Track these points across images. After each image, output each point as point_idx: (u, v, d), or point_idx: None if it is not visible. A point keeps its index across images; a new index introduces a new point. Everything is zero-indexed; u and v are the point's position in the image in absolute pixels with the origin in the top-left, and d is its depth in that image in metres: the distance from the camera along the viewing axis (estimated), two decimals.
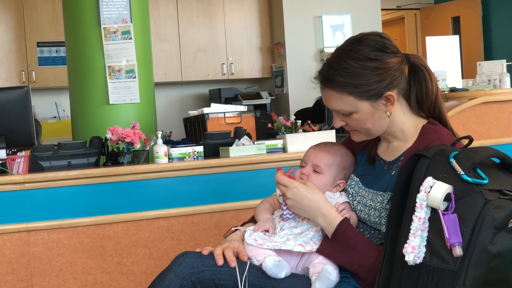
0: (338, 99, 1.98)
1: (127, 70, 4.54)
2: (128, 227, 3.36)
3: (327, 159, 2.18)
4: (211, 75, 7.62)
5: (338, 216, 2.01)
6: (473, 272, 1.65)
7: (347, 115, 2.00)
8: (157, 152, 3.48)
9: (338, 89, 1.96)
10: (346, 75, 1.95)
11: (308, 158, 2.21)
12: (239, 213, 3.49)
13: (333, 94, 1.99)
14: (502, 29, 8.91)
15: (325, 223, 2.01)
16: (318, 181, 2.15)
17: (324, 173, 2.17)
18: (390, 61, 1.96)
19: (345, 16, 7.55)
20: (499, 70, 5.29)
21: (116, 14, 4.54)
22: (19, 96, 3.57)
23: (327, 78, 1.98)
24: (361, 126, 2.02)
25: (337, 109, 2.00)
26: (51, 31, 7.05)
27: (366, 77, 1.94)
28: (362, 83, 1.94)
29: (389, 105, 1.99)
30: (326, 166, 2.17)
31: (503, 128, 4.42)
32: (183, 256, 2.01)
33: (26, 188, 3.20)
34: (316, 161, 2.18)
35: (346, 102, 1.97)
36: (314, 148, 2.25)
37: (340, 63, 1.96)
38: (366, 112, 1.98)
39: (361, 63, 1.95)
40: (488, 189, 1.71)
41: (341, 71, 1.95)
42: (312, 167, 2.18)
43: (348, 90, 1.95)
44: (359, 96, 1.96)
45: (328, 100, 2.02)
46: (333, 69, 1.97)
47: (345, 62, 1.96)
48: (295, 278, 2.00)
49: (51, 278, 3.23)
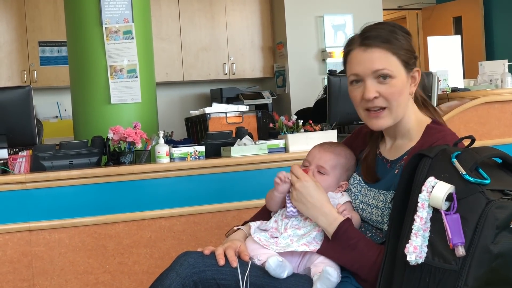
0: (383, 59, 1.98)
1: (128, 69, 4.55)
2: (130, 227, 3.36)
3: (332, 161, 2.18)
4: (213, 74, 7.62)
5: (339, 217, 2.01)
6: (475, 272, 1.65)
7: (385, 82, 1.98)
8: (158, 152, 3.48)
9: (386, 47, 1.98)
10: (393, 36, 1.99)
11: (312, 158, 2.21)
12: (240, 213, 3.49)
13: (377, 53, 1.98)
14: (503, 29, 8.91)
15: (326, 223, 2.02)
16: (322, 182, 2.15)
17: (329, 174, 2.17)
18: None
19: (347, 16, 7.55)
20: (501, 70, 5.29)
21: (118, 13, 4.54)
22: (21, 96, 3.58)
23: (370, 38, 1.99)
24: (394, 97, 1.99)
25: (381, 68, 1.97)
26: (52, 31, 7.06)
27: (406, 44, 2.01)
28: (405, 47, 2.00)
29: (413, 85, 2.04)
30: (331, 167, 2.17)
31: (504, 128, 4.42)
32: (184, 256, 2.01)
33: (27, 188, 3.21)
34: (321, 162, 2.18)
35: (390, 62, 1.98)
36: (318, 148, 2.24)
37: (387, 26, 2.02)
38: (402, 81, 2.00)
39: (402, 32, 2.02)
40: (490, 189, 1.71)
41: (384, 31, 2.00)
42: (316, 167, 2.18)
43: (394, 50, 1.98)
44: (401, 60, 1.99)
45: (371, 60, 1.98)
46: (375, 30, 2.01)
47: (391, 27, 2.02)
48: (297, 278, 2.00)
49: (52, 278, 3.24)
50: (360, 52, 2.00)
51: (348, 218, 2.01)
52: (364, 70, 1.99)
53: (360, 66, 2.00)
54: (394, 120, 2.03)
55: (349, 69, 2.05)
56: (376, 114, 2.02)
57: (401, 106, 2.02)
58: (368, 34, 2.00)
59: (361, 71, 2.00)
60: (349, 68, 2.05)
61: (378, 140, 2.17)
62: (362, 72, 2.00)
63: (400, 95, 2.00)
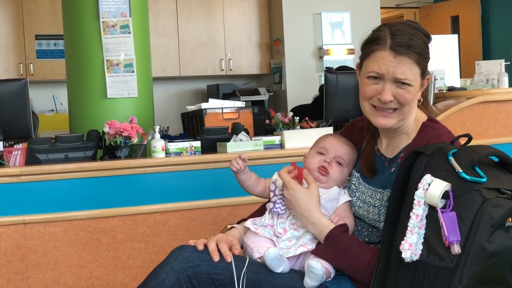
0: (409, 68, 1.97)
1: (125, 64, 4.54)
2: (125, 221, 3.35)
3: (350, 155, 2.19)
4: (210, 70, 7.62)
5: (329, 224, 2.02)
6: (469, 270, 1.65)
7: (403, 86, 1.98)
8: (154, 146, 3.48)
9: (414, 58, 1.97)
10: (422, 46, 1.98)
11: (331, 148, 2.19)
12: (235, 209, 3.49)
13: (407, 62, 1.96)
14: (501, 29, 8.92)
15: (316, 231, 2.04)
16: (340, 174, 2.17)
17: (345, 167, 2.18)
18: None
19: (345, 13, 7.54)
20: (497, 69, 5.29)
21: (115, 8, 4.53)
22: (17, 89, 3.57)
23: (409, 45, 1.97)
24: (407, 103, 2.00)
25: (404, 78, 1.96)
26: (49, 24, 7.03)
27: (428, 52, 2.01)
28: (427, 57, 2.01)
29: (421, 89, 2.04)
30: (348, 160, 2.19)
31: (500, 127, 4.42)
32: (179, 250, 2.00)
33: (22, 181, 3.20)
34: (341, 153, 2.18)
35: (413, 72, 1.98)
36: (336, 139, 2.23)
37: (421, 37, 2.00)
38: (417, 88, 2.01)
39: (425, 39, 2.01)
40: (486, 188, 1.71)
41: (421, 42, 1.99)
42: (336, 158, 2.18)
43: (419, 61, 1.98)
44: (421, 70, 2.00)
45: (398, 67, 1.96)
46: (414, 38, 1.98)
47: (418, 36, 1.99)
48: (292, 274, 2.00)
49: (46, 271, 3.23)
50: (389, 55, 1.97)
51: (342, 225, 2.01)
52: (387, 73, 1.97)
53: (384, 67, 1.97)
54: (400, 122, 2.04)
55: (369, 64, 2.01)
56: (386, 114, 2.02)
57: (411, 110, 2.04)
58: (402, 41, 1.97)
59: (385, 73, 1.98)
60: (370, 64, 2.01)
61: (376, 135, 2.16)
62: (385, 74, 1.98)
63: (413, 101, 2.01)
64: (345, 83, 4.39)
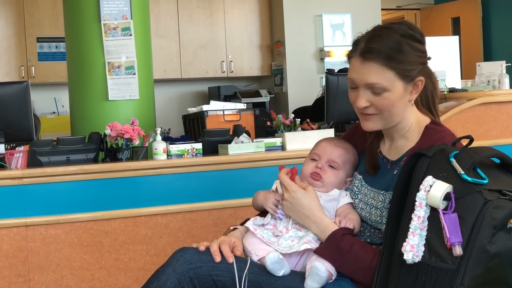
0: (378, 73, 1.94)
1: (126, 66, 4.54)
2: (126, 223, 3.36)
3: (344, 156, 2.19)
4: (211, 72, 7.62)
5: (330, 224, 2.02)
6: (471, 272, 1.65)
7: (379, 94, 1.96)
8: (155, 148, 3.48)
9: (382, 62, 1.93)
10: (393, 48, 1.93)
11: (323, 153, 2.20)
12: (237, 211, 3.49)
13: (374, 67, 1.94)
14: (502, 30, 8.92)
15: (318, 231, 2.03)
16: (335, 177, 2.16)
17: (340, 169, 2.18)
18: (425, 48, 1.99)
19: (345, 15, 7.55)
20: (498, 71, 5.30)
21: (116, 10, 4.54)
22: (18, 91, 3.57)
23: (371, 50, 1.94)
24: (386, 109, 1.98)
25: (374, 83, 1.94)
26: (51, 27, 7.04)
27: (410, 55, 1.94)
28: (405, 60, 1.93)
29: (414, 92, 2.00)
30: (343, 162, 2.18)
31: (501, 129, 4.42)
32: (181, 252, 2.01)
33: (24, 183, 3.20)
34: (334, 157, 2.18)
35: (385, 77, 1.94)
36: (328, 143, 2.23)
37: (388, 36, 1.95)
38: (397, 93, 1.96)
39: (408, 40, 1.95)
40: (488, 189, 1.71)
41: (389, 44, 1.93)
42: (328, 162, 2.18)
43: (391, 65, 1.93)
44: (398, 74, 1.94)
45: (366, 73, 1.95)
46: (380, 40, 1.94)
47: (392, 36, 1.94)
48: (293, 275, 2.00)
49: (48, 273, 3.23)
50: (358, 62, 1.97)
51: (344, 227, 2.01)
52: (358, 80, 1.98)
53: (355, 75, 1.98)
54: (385, 125, 2.04)
55: (348, 72, 2.04)
56: (367, 117, 2.03)
57: (396, 114, 2.00)
58: (370, 46, 1.95)
59: (356, 80, 1.99)
60: (348, 71, 2.04)
61: (380, 135, 2.16)
62: (357, 81, 1.99)
63: (393, 106, 1.98)
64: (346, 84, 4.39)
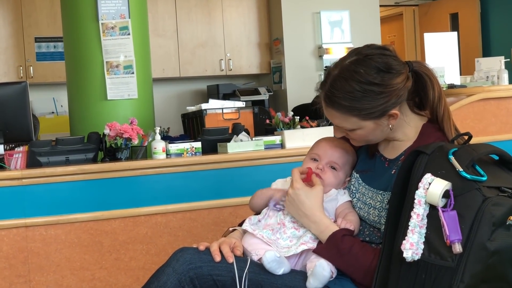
0: (342, 119, 1.98)
1: (125, 65, 4.54)
2: (126, 223, 3.36)
3: (344, 157, 2.19)
4: (209, 71, 7.62)
5: (330, 224, 2.02)
6: (471, 269, 1.65)
7: (351, 130, 2.01)
8: (155, 148, 3.48)
9: (342, 111, 1.95)
10: (350, 99, 1.92)
11: (323, 154, 2.20)
12: (236, 209, 3.49)
13: (337, 114, 1.98)
14: (500, 26, 8.91)
15: (317, 231, 2.03)
16: (335, 178, 2.16)
17: (340, 170, 2.18)
18: (395, 82, 1.92)
19: (344, 12, 7.55)
20: (497, 66, 5.29)
21: (114, 9, 4.53)
22: (17, 92, 3.56)
23: (331, 100, 1.95)
24: (361, 139, 2.04)
25: (341, 126, 2.01)
26: (49, 27, 7.04)
27: (370, 101, 1.92)
28: (366, 106, 1.92)
29: (392, 119, 1.98)
30: (343, 163, 2.18)
31: (500, 125, 4.42)
32: (181, 252, 2.01)
33: (24, 184, 3.20)
34: (334, 158, 2.18)
35: (349, 122, 1.97)
36: (328, 143, 2.23)
37: (344, 86, 1.92)
38: (369, 129, 1.99)
39: (365, 87, 1.91)
40: (486, 186, 1.71)
41: (346, 95, 1.92)
42: (329, 163, 2.18)
43: (352, 113, 1.94)
44: (363, 117, 1.95)
45: (331, 117, 2.01)
46: (337, 91, 1.93)
47: (349, 86, 1.91)
48: (293, 274, 2.00)
49: (48, 274, 3.23)
50: (324, 103, 2.01)
51: (344, 229, 2.01)
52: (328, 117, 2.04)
53: (325, 112, 2.03)
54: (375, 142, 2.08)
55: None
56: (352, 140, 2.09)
57: (378, 137, 2.04)
58: (332, 92, 1.94)
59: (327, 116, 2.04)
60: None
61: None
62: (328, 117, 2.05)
63: (368, 136, 2.02)
64: None
